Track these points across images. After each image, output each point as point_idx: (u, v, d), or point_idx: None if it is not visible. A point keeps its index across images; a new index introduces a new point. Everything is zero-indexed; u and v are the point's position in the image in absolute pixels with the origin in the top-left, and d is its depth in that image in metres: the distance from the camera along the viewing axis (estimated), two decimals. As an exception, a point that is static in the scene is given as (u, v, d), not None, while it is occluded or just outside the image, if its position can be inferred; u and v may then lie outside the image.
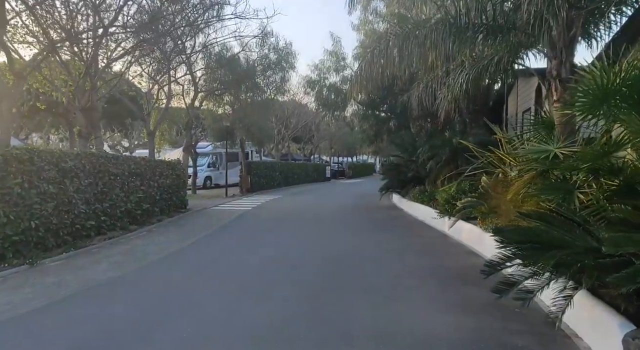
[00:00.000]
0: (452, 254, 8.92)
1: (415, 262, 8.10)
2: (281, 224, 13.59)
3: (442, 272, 7.33)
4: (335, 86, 21.60)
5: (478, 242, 9.19)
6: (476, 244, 9.27)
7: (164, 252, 9.01)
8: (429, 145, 14.16)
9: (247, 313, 5.25)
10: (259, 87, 19.67)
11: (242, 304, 5.62)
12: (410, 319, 5.03)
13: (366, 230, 12.46)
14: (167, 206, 15.03)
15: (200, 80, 18.16)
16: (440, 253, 9.09)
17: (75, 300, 5.88)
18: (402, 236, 11.25)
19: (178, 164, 16.36)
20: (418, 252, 9.11)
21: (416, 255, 8.85)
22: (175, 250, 9.28)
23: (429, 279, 6.80)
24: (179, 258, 8.58)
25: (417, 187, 16.85)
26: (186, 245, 9.86)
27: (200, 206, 18.72)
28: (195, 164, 27.65)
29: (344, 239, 10.80)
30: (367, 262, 8.10)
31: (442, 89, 11.74)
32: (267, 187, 30.15)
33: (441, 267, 7.76)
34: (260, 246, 9.82)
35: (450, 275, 7.13)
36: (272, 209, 18.23)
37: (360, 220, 14.74)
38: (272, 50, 19.64)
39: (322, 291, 6.15)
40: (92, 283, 6.65)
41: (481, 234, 8.93)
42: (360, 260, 8.26)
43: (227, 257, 8.64)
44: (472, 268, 7.61)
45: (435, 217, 12.08)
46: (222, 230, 12.28)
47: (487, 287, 5.38)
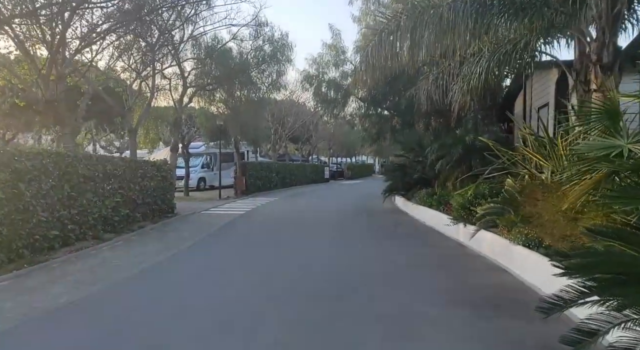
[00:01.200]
0: (474, 270, 7.61)
1: (433, 281, 6.79)
2: (275, 231, 12.27)
3: (468, 295, 6.01)
4: (334, 81, 20.31)
5: (503, 255, 7.88)
6: (501, 257, 7.96)
7: (136, 268, 7.68)
8: (439, 143, 12.87)
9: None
10: (253, 82, 18.33)
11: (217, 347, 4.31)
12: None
13: (371, 238, 11.15)
14: (151, 211, 13.70)
15: (190, 75, 16.87)
16: (460, 268, 7.77)
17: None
18: (412, 246, 9.94)
19: (164, 164, 15.03)
20: (434, 267, 7.80)
21: (432, 271, 7.54)
22: (150, 265, 7.95)
23: (453, 306, 5.49)
24: (151, 276, 7.26)
25: (423, 190, 15.56)
26: (164, 258, 8.53)
27: (190, 210, 17.39)
28: (188, 164, 26.35)
29: (347, 250, 9.48)
30: (375, 281, 6.80)
31: (457, 80, 10.43)
32: (264, 189, 28.84)
33: (465, 287, 6.45)
34: (248, 261, 8.49)
35: (479, 299, 5.81)
36: (267, 214, 16.91)
37: (364, 226, 13.43)
38: (266, 41, 18.30)
39: (321, 328, 4.83)
40: (34, 313, 5.32)
41: (508, 246, 7.62)
42: (367, 278, 6.95)
43: (210, 276, 7.32)
44: (503, 289, 6.33)
45: (448, 224, 10.77)
46: (208, 239, 10.95)
47: (529, 318, 4.10)
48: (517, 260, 7.33)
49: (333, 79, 20.51)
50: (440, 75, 11.90)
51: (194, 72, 16.84)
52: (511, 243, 7.58)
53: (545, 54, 10.16)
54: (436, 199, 13.45)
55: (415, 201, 15.87)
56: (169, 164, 15.51)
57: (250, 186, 26.75)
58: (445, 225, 10.92)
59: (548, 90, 14.11)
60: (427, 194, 15.06)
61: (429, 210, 13.84)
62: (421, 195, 15.36)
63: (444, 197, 12.84)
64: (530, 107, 17.09)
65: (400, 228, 12.83)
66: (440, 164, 13.50)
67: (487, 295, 5.98)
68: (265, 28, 17.36)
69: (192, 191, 28.21)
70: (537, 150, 8.45)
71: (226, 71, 16.39)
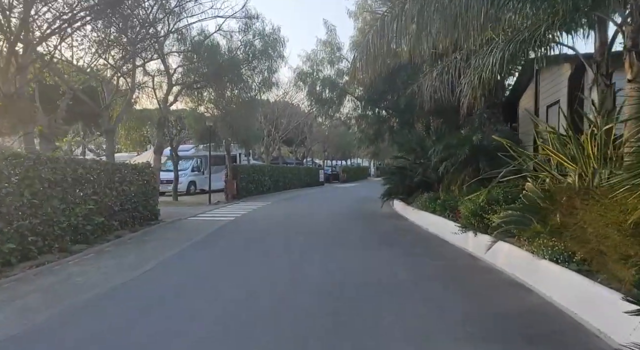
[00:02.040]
0: (492, 287, 6.60)
1: (448, 303, 5.77)
2: (265, 239, 11.21)
3: (495, 324, 4.99)
4: (329, 79, 19.28)
5: (524, 270, 6.89)
6: (521, 272, 6.96)
7: (102, 287, 6.60)
8: (443, 144, 11.89)
9: None
10: (243, 80, 17.27)
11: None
12: None
13: (370, 247, 10.13)
14: (130, 218, 12.60)
15: (176, 73, 15.78)
16: (477, 285, 6.76)
17: None
18: (417, 257, 8.92)
19: (147, 167, 13.94)
20: (446, 284, 6.79)
21: (445, 288, 6.52)
22: (120, 283, 6.87)
23: (482, 341, 4.47)
24: (118, 298, 6.17)
25: (425, 194, 14.59)
26: (137, 274, 7.44)
27: (176, 216, 16.30)
28: (177, 167, 25.26)
29: (344, 262, 8.44)
30: (377, 300, 5.77)
31: (466, 73, 9.45)
32: (256, 193, 27.80)
33: (488, 312, 5.42)
34: (234, 274, 7.44)
35: (510, 330, 4.80)
36: (258, 220, 15.85)
37: (362, 233, 12.41)
38: (257, 36, 17.19)
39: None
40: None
41: (532, 261, 6.62)
42: (368, 297, 5.93)
43: (189, 296, 6.26)
44: (533, 314, 5.34)
45: (455, 232, 9.79)
46: (191, 250, 9.87)
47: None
48: (542, 276, 6.34)
49: (328, 77, 19.49)
50: (445, 69, 10.93)
51: (179, 69, 15.77)
52: (535, 257, 6.60)
53: (563, 45, 9.22)
54: (440, 204, 12.46)
55: (416, 206, 14.90)
56: (152, 167, 14.41)
57: (241, 190, 25.68)
58: (453, 233, 9.94)
59: (559, 87, 13.18)
60: (429, 199, 14.08)
61: (431, 216, 12.86)
62: (423, 200, 14.39)
63: (449, 202, 11.86)
64: (537, 105, 16.21)
65: (402, 235, 11.82)
66: (445, 166, 12.54)
67: (517, 324, 4.97)
68: (255, 21, 16.36)
69: (182, 195, 27.16)
70: (561, 151, 7.51)
71: (214, 68, 15.33)
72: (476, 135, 11.34)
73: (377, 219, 15.60)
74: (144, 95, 14.75)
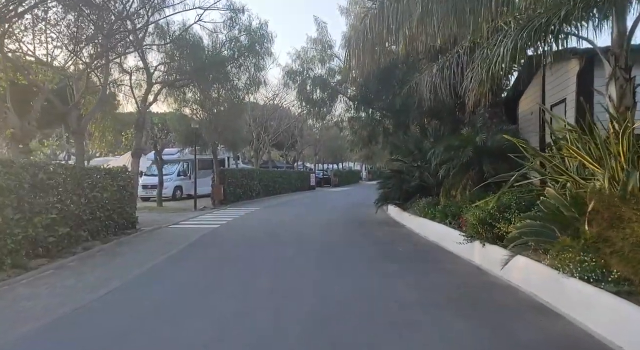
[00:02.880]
0: (512, 311, 5.64)
1: (465, 334, 4.79)
2: (249, 254, 10.15)
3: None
4: (321, 78, 18.33)
5: (547, 289, 5.94)
6: (544, 292, 6.02)
7: (48, 316, 5.52)
8: (444, 145, 10.97)
9: None
10: (229, 79, 16.23)
11: None
12: None
13: (366, 260, 9.13)
14: (103, 227, 11.49)
15: (156, 71, 14.69)
16: (493, 308, 5.78)
17: None
18: (419, 271, 7.94)
19: (122, 172, 12.83)
20: (459, 306, 5.81)
21: (458, 313, 5.53)
22: (71, 309, 5.79)
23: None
24: (61, 332, 5.10)
25: (423, 199, 13.66)
26: (96, 296, 6.37)
27: (156, 224, 15.20)
28: (161, 172, 24.15)
29: (338, 279, 7.44)
30: (378, 331, 4.78)
31: (472, 66, 8.54)
32: (245, 198, 26.73)
33: (516, 348, 4.46)
34: (203, 308, 6.39)
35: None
36: (244, 227, 14.79)
37: (356, 242, 11.42)
38: (243, 31, 16.13)
39: None
40: None
41: (554, 278, 5.68)
42: (368, 327, 4.93)
43: (152, 329, 5.22)
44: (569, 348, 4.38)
45: (460, 242, 8.85)
46: (162, 267, 8.76)
47: None
48: (572, 298, 5.38)
49: (319, 76, 18.54)
50: (446, 64, 10.04)
51: (160, 66, 14.69)
52: (561, 274, 5.66)
53: (577, 36, 8.35)
54: (440, 211, 11.52)
55: (413, 211, 13.96)
56: (129, 171, 13.31)
57: (229, 195, 24.61)
58: (457, 243, 9.00)
59: (566, 84, 12.34)
60: (427, 204, 13.15)
61: (431, 223, 11.92)
62: (421, 206, 13.45)
63: (450, 209, 10.94)
64: (540, 104, 15.37)
65: (400, 244, 10.85)
66: (445, 169, 11.61)
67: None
68: (240, 15, 15.34)
69: (168, 201, 26.07)
70: (583, 151, 6.60)
71: (197, 65, 14.30)
72: (480, 136, 10.43)
73: (372, 226, 14.64)
74: (120, 94, 13.67)
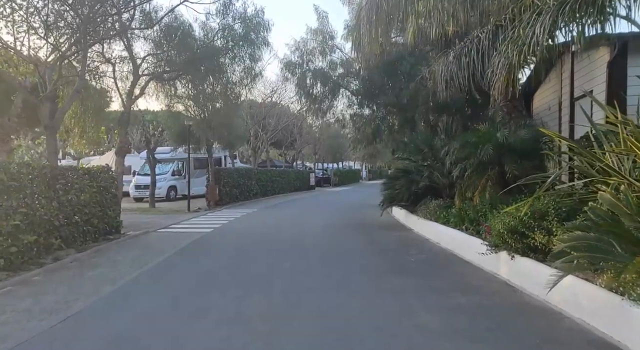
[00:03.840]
0: (565, 347, 4.50)
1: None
2: (240, 267, 8.99)
3: None
4: (322, 71, 17.13)
5: (605, 318, 4.81)
6: (601, 321, 4.88)
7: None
8: (461, 142, 9.81)
9: None
10: (222, 71, 15.02)
11: None
12: None
13: (375, 274, 7.96)
14: (80, 234, 10.32)
15: (144, 62, 13.48)
16: (539, 343, 4.64)
17: None
18: (438, 289, 6.78)
19: (104, 171, 11.67)
20: (496, 339, 4.66)
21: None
22: (15, 344, 4.64)
23: None
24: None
25: (434, 201, 12.52)
26: (47, 327, 5.19)
27: (144, 228, 14.04)
28: (154, 171, 22.97)
29: (343, 299, 6.29)
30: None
31: (494, 53, 7.39)
32: (242, 199, 25.57)
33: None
34: (187, 330, 5.24)
35: None
36: (238, 232, 13.63)
37: (362, 251, 10.27)
38: (237, 19, 14.90)
39: None
40: None
41: (620, 306, 4.54)
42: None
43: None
44: None
45: (483, 253, 7.71)
46: (141, 281, 7.60)
47: None
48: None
49: (320, 68, 17.37)
50: (465, 50, 8.90)
51: (148, 57, 13.44)
52: (626, 300, 4.52)
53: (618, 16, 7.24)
54: (455, 215, 10.39)
55: (423, 214, 12.82)
56: (112, 171, 12.14)
57: (225, 196, 23.45)
58: (479, 253, 7.85)
59: (591, 76, 11.19)
60: (439, 207, 12.03)
61: (444, 228, 10.79)
62: (431, 208, 12.32)
63: (467, 212, 9.81)
64: (560, 99, 14.22)
65: (412, 254, 9.69)
66: (460, 168, 10.46)
67: None
68: (235, 1, 14.10)
69: (161, 202, 24.97)
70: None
71: (188, 55, 13.13)
72: (501, 131, 9.27)
73: (378, 231, 13.49)
74: (101, 85, 12.43)
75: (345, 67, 17.19)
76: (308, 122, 40.84)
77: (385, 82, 15.07)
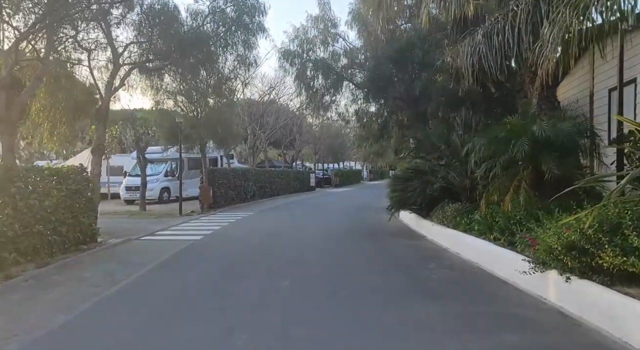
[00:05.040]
0: None
1: None
2: (231, 281, 7.56)
3: None
4: (323, 62, 15.64)
5: None
6: None
7: None
8: (489, 137, 8.36)
9: None
10: (212, 60, 13.51)
11: None
12: None
13: (392, 295, 6.51)
14: (45, 245, 8.86)
15: (125, 51, 11.97)
16: None
17: None
18: (476, 319, 5.33)
19: (76, 172, 10.22)
20: None
21: None
22: None
23: None
24: None
25: (450, 205, 11.07)
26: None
27: (127, 234, 12.61)
28: (144, 172, 21.53)
29: (353, 333, 4.84)
30: None
31: (558, 12, 5.89)
32: (238, 201, 24.13)
33: None
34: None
35: None
36: (231, 241, 12.17)
37: (372, 265, 8.81)
38: (229, 1, 13.37)
39: None
40: None
41: None
42: None
43: None
44: None
45: (526, 272, 6.26)
46: (106, 307, 6.18)
47: None
48: None
49: (321, 59, 15.88)
50: (498, 27, 7.45)
51: (130, 46, 11.92)
52: None
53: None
54: (481, 222, 8.95)
55: (438, 220, 11.37)
56: (87, 171, 10.70)
57: (220, 198, 22.00)
58: (522, 272, 6.40)
59: (632, 62, 9.75)
60: (457, 212, 10.59)
61: (466, 237, 9.36)
62: (448, 213, 10.88)
63: (496, 219, 8.37)
64: (591, 89, 12.74)
65: (431, 268, 8.23)
66: (484, 167, 9.01)
67: None
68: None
69: (154, 204, 23.60)
70: None
71: (174, 42, 11.68)
72: (539, 124, 7.82)
73: (387, 238, 12.04)
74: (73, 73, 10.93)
75: (350, 58, 15.73)
76: (308, 121, 39.42)
77: (394, 73, 13.61)
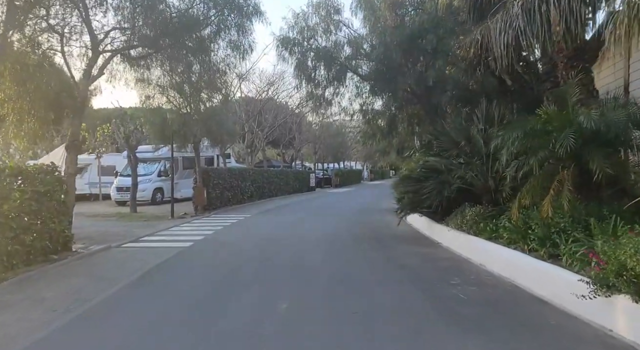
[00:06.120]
0: None
1: None
2: (221, 298, 6.32)
3: None
4: (326, 51, 14.32)
5: None
6: None
7: None
8: (523, 131, 7.08)
9: None
10: (204, 49, 12.19)
11: None
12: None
13: (412, 323, 5.26)
14: (4, 257, 7.59)
15: (106, 37, 10.67)
16: None
17: None
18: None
19: (47, 172, 8.95)
20: None
21: None
22: None
23: None
24: None
25: (470, 209, 9.82)
26: None
27: (109, 240, 11.38)
28: (135, 172, 20.29)
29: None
30: None
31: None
32: (235, 202, 22.88)
33: None
34: None
35: None
36: (223, 248, 10.88)
37: (383, 278, 7.57)
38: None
39: None
40: None
41: None
42: None
43: None
44: None
45: (584, 296, 5.02)
46: (61, 339, 4.93)
47: None
48: None
49: (323, 48, 14.56)
50: None
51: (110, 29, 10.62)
52: None
53: None
54: (512, 229, 7.71)
55: (455, 225, 10.11)
56: (59, 171, 9.44)
57: (215, 199, 20.73)
58: (579, 296, 5.14)
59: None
60: (479, 216, 9.35)
61: (492, 246, 8.13)
62: (467, 218, 9.63)
63: (532, 226, 7.13)
64: (627, 80, 11.50)
65: (456, 284, 6.96)
66: (514, 166, 7.76)
67: None
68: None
69: (146, 205, 22.36)
70: None
71: (161, 26, 10.39)
72: (586, 114, 6.56)
73: (397, 246, 10.78)
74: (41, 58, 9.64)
75: (354, 47, 14.45)
76: (308, 119, 38.15)
77: (404, 62, 12.35)
